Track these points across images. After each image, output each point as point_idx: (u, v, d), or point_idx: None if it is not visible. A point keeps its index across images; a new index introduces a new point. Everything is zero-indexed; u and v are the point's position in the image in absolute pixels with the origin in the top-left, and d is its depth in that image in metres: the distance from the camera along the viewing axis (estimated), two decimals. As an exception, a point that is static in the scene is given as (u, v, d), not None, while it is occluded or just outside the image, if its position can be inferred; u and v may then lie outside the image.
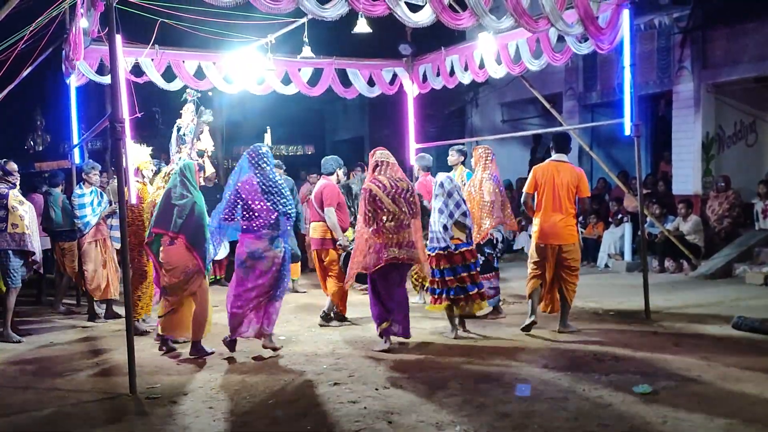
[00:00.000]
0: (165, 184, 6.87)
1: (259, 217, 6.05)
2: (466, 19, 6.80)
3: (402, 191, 6.35)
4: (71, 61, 7.99)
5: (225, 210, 6.12)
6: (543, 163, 7.06)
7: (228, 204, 6.11)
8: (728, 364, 5.54)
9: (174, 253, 6.18)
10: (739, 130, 12.44)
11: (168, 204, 6.22)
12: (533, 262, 6.95)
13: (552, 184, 6.80)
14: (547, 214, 6.79)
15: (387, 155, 6.55)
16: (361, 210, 6.37)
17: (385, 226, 6.26)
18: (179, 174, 6.35)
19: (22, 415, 4.87)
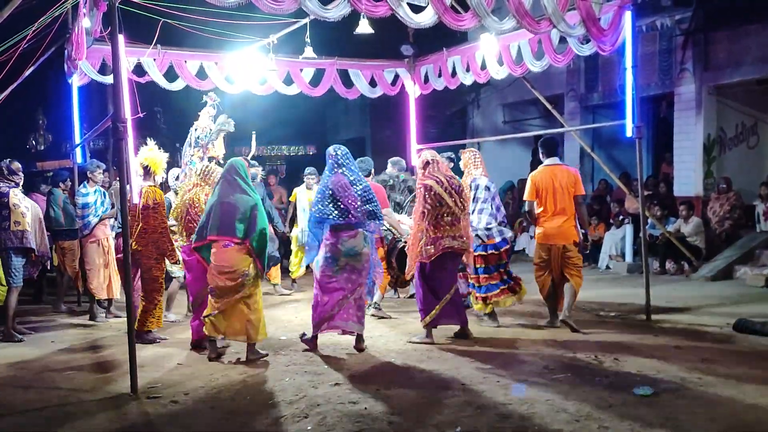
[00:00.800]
0: (203, 182, 6.68)
1: (353, 215, 6.19)
2: (469, 20, 6.81)
3: (456, 187, 6.59)
4: (73, 61, 8.01)
5: (319, 209, 6.22)
6: (539, 170, 7.10)
7: (322, 203, 6.23)
8: (729, 366, 5.54)
9: (232, 256, 5.95)
10: (741, 132, 12.45)
11: (224, 208, 5.97)
12: (539, 262, 7.08)
13: (552, 188, 6.92)
14: (551, 219, 6.94)
15: (434, 154, 6.81)
16: (419, 205, 6.56)
17: (444, 220, 6.49)
18: (232, 174, 6.11)
19: (23, 414, 4.87)
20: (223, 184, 6.12)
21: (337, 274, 6.23)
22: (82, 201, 8.09)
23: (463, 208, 6.60)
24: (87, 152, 9.59)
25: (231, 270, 5.95)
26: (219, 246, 6.00)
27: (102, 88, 11.06)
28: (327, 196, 6.22)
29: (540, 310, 8.16)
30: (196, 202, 6.59)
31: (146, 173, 7.00)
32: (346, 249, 6.19)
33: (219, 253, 6.00)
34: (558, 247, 6.96)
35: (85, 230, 8.13)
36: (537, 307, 8.27)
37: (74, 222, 8.46)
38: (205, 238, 6.03)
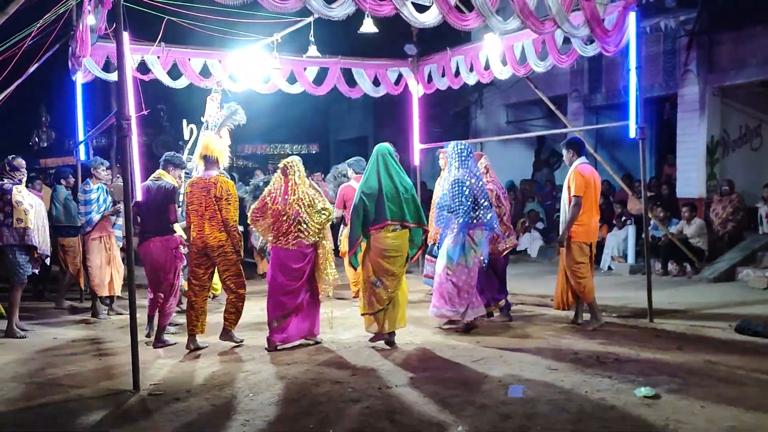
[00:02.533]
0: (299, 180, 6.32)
1: (483, 208, 6.75)
2: (473, 20, 6.81)
3: (505, 191, 7.49)
4: (78, 58, 8.02)
5: (461, 202, 6.67)
6: (583, 166, 7.09)
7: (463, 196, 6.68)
8: (731, 367, 5.54)
9: (401, 240, 6.30)
10: (744, 134, 12.43)
11: (391, 192, 6.23)
12: (581, 262, 7.04)
13: (594, 186, 7.05)
14: (592, 216, 7.08)
15: (487, 159, 7.59)
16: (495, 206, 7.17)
17: (503, 220, 7.30)
18: (388, 159, 6.36)
19: (25, 410, 4.88)
20: (382, 169, 6.32)
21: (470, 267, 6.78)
22: (85, 198, 8.11)
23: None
24: (90, 149, 9.60)
25: (398, 254, 6.28)
26: (387, 230, 6.24)
27: (106, 86, 11.07)
28: (469, 191, 6.70)
29: (542, 310, 8.17)
30: (306, 200, 6.27)
31: (209, 162, 6.53)
32: (478, 242, 6.77)
33: (385, 238, 6.25)
34: (594, 244, 7.18)
35: (87, 227, 8.14)
36: (538, 308, 8.28)
37: (75, 219, 8.47)
38: (378, 224, 6.21)
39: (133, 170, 7.17)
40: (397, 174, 6.35)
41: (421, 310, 7.79)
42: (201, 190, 6.35)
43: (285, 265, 6.29)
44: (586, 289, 7.06)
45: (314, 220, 6.28)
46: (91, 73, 8.83)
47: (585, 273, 7.04)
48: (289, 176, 6.31)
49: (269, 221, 6.35)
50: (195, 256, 6.41)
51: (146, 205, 6.69)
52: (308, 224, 6.25)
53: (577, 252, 7.02)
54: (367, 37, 8.74)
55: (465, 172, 6.79)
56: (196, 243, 6.35)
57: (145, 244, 6.63)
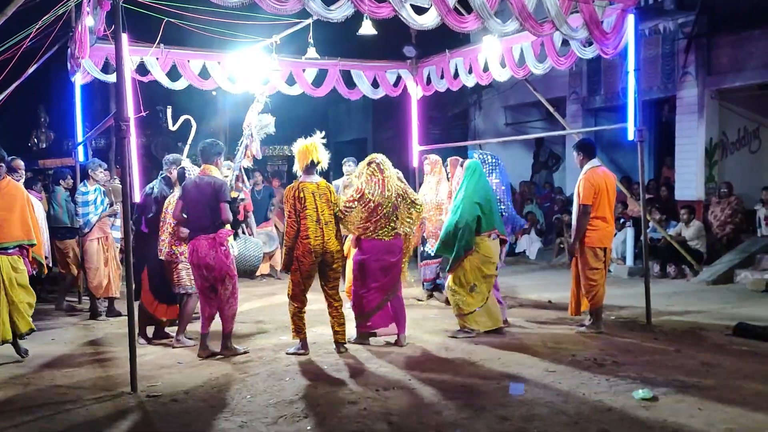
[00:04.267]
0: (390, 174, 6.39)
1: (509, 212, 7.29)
2: (471, 22, 6.82)
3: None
4: (77, 59, 8.01)
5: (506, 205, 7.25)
6: (592, 171, 7.01)
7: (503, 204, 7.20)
8: (729, 370, 5.54)
9: (496, 247, 6.87)
10: (743, 137, 12.45)
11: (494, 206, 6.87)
12: (596, 267, 6.96)
13: (605, 190, 6.98)
14: (606, 220, 7.00)
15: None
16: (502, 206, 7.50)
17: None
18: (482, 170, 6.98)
19: (22, 411, 4.87)
20: (485, 180, 6.97)
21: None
22: (82, 199, 8.11)
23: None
24: (89, 150, 9.59)
25: (495, 260, 6.85)
26: (490, 239, 6.82)
27: (104, 87, 11.08)
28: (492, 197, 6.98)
29: (540, 312, 8.17)
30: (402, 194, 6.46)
31: (314, 166, 6.29)
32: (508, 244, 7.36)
33: (492, 245, 6.82)
34: (608, 248, 7.10)
35: (85, 228, 8.14)
36: (536, 310, 8.29)
37: (74, 220, 8.47)
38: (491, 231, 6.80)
39: (132, 171, 7.15)
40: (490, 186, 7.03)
41: (418, 311, 7.79)
42: (313, 195, 6.16)
43: (380, 258, 6.38)
44: (596, 296, 6.98)
45: (409, 212, 6.50)
46: (90, 74, 8.82)
47: (598, 279, 6.96)
48: (385, 170, 6.41)
49: (363, 215, 6.32)
50: (309, 264, 6.16)
51: (193, 203, 6.10)
52: (403, 217, 6.46)
53: (591, 257, 6.93)
54: (366, 39, 8.74)
55: (498, 178, 7.26)
56: (315, 250, 6.11)
57: (192, 244, 6.07)
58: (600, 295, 7.00)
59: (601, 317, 7.09)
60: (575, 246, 6.99)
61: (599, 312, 7.06)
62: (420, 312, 7.94)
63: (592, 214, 6.91)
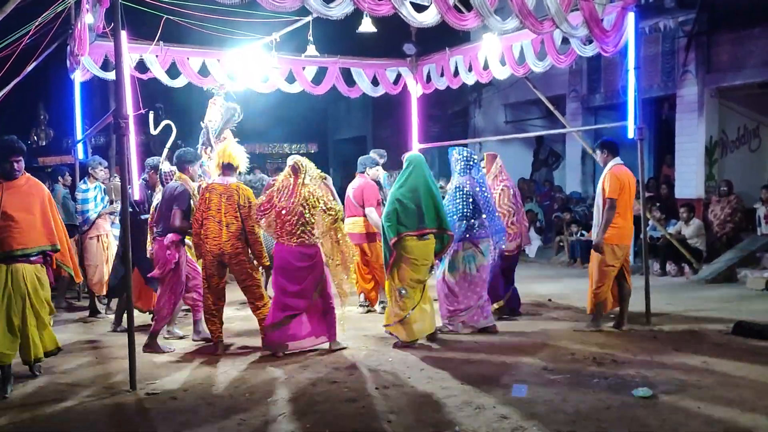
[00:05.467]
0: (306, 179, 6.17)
1: (485, 215, 6.81)
2: (471, 19, 6.81)
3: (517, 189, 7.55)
4: (76, 57, 8.01)
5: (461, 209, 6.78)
6: (619, 168, 6.98)
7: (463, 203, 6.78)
8: (728, 368, 5.54)
9: (430, 247, 6.40)
10: (743, 135, 12.43)
11: (426, 199, 6.33)
12: (611, 265, 6.92)
13: (628, 187, 6.96)
14: (626, 218, 6.98)
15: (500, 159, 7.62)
16: (503, 205, 7.36)
17: (514, 219, 7.40)
18: (422, 165, 6.50)
19: (21, 410, 4.87)
20: (418, 176, 6.41)
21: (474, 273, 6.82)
22: (82, 197, 8.10)
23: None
24: (88, 148, 9.59)
25: (428, 263, 6.44)
26: (420, 238, 6.32)
27: (104, 84, 11.06)
28: (467, 197, 6.76)
29: (539, 310, 8.17)
30: (307, 201, 6.10)
31: (228, 169, 6.37)
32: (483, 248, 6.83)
33: (420, 245, 6.33)
34: (628, 246, 7.09)
35: (84, 226, 8.13)
36: (535, 308, 8.28)
37: (74, 218, 8.46)
38: (414, 231, 6.30)
39: (131, 169, 7.15)
40: (434, 185, 6.56)
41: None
42: (220, 196, 6.19)
43: (288, 264, 6.12)
44: (600, 292, 6.97)
45: (321, 220, 6.17)
46: (89, 71, 8.80)
47: (607, 279, 6.93)
48: (300, 175, 6.16)
49: (272, 218, 6.18)
50: (210, 264, 6.24)
51: (161, 206, 6.47)
52: (313, 225, 6.14)
53: (609, 254, 6.88)
54: (366, 37, 8.74)
55: (466, 179, 6.87)
56: (212, 250, 6.16)
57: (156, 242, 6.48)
58: (604, 293, 7.01)
59: (601, 315, 7.08)
60: (600, 242, 6.87)
61: (599, 309, 7.05)
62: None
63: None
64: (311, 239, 6.15)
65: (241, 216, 6.18)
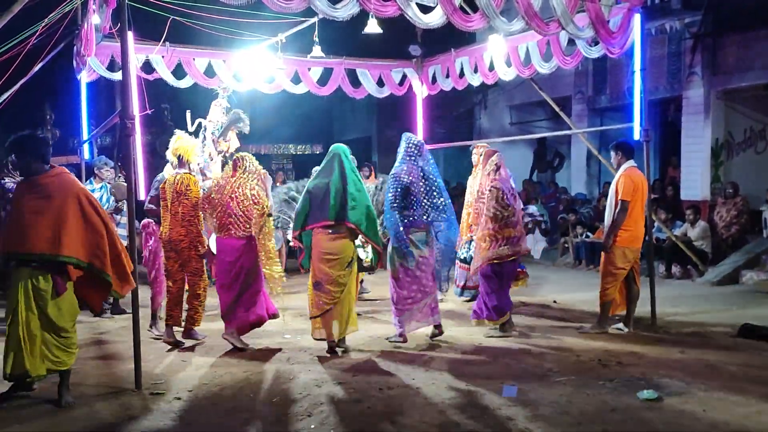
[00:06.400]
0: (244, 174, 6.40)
1: (420, 207, 6.35)
2: (477, 20, 6.80)
3: (515, 191, 6.94)
4: (82, 57, 8.03)
5: (395, 200, 6.31)
6: (633, 170, 6.94)
7: (394, 193, 6.32)
8: (734, 371, 5.53)
9: (340, 242, 6.11)
10: (749, 137, 12.39)
11: (336, 193, 6.06)
12: (621, 267, 6.91)
13: (641, 190, 6.92)
14: (638, 221, 6.94)
15: (502, 157, 7.01)
16: (493, 208, 6.72)
17: (510, 221, 6.75)
18: (342, 160, 6.19)
19: (26, 409, 4.88)
20: (333, 168, 6.18)
21: (411, 268, 6.41)
22: (88, 197, 8.10)
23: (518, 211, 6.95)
24: (94, 148, 9.61)
25: (338, 257, 6.10)
26: (325, 231, 6.10)
27: (110, 85, 11.11)
28: (401, 187, 6.34)
29: (544, 312, 8.16)
30: (239, 195, 6.29)
31: (180, 162, 6.81)
32: (416, 239, 6.40)
33: (325, 239, 6.11)
34: (639, 249, 7.01)
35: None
36: (541, 310, 8.27)
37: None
38: (317, 223, 6.11)
39: (137, 169, 7.17)
40: (350, 176, 6.17)
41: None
42: (170, 186, 6.61)
43: (221, 256, 6.39)
44: (606, 294, 6.96)
45: (247, 214, 6.30)
46: (95, 72, 8.84)
47: (615, 281, 6.92)
48: (238, 170, 6.43)
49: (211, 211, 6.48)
50: (165, 249, 6.65)
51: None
52: (243, 218, 6.29)
53: (619, 257, 6.87)
54: (372, 38, 8.74)
55: (405, 167, 6.42)
56: (163, 237, 6.62)
57: None
58: (611, 295, 6.99)
59: (607, 317, 7.07)
60: (609, 242, 6.86)
61: (605, 311, 7.03)
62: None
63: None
64: (240, 232, 6.31)
65: (179, 203, 6.52)
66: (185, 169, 6.78)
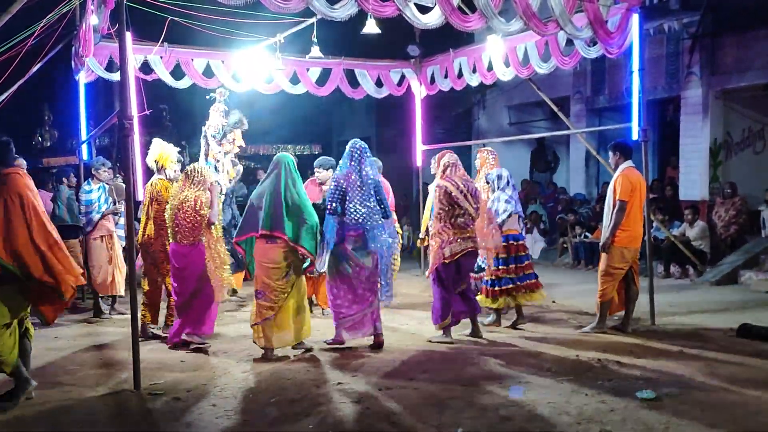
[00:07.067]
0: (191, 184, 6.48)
1: (358, 213, 6.22)
2: (475, 21, 6.81)
3: (472, 190, 6.69)
4: (81, 58, 8.03)
5: (333, 205, 6.23)
6: (631, 170, 6.94)
7: (331, 198, 6.26)
8: (733, 371, 5.53)
9: (278, 252, 6.07)
10: (747, 137, 12.40)
11: (274, 203, 6.04)
12: (619, 268, 6.91)
13: (639, 189, 6.91)
14: (636, 221, 6.93)
15: (455, 158, 6.82)
16: (436, 207, 6.65)
17: (457, 222, 6.57)
18: (283, 169, 6.15)
19: (25, 409, 4.88)
20: (273, 178, 6.16)
21: (349, 273, 6.32)
22: (86, 198, 8.11)
23: (477, 211, 6.69)
24: (93, 149, 9.61)
25: (276, 266, 6.06)
26: (263, 240, 6.10)
27: (108, 85, 11.11)
28: (340, 192, 6.25)
29: (544, 312, 8.16)
30: (185, 204, 6.40)
31: (158, 168, 7.10)
32: (353, 247, 6.27)
33: (264, 248, 6.10)
34: (637, 249, 6.99)
35: (88, 227, 8.15)
36: (540, 310, 8.27)
37: (78, 219, 8.48)
38: (255, 232, 6.12)
39: (135, 170, 7.18)
40: (290, 187, 6.12)
41: (422, 313, 7.78)
42: (148, 191, 7.00)
43: (172, 262, 6.57)
44: (605, 294, 6.95)
45: (193, 223, 6.40)
46: (93, 72, 8.84)
47: (615, 279, 6.91)
48: (187, 180, 6.55)
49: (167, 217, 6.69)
50: (141, 251, 6.97)
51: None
52: (186, 227, 6.42)
53: (617, 257, 6.87)
54: (370, 38, 8.75)
55: (345, 172, 6.32)
56: (139, 239, 6.92)
57: None
58: (609, 293, 6.98)
59: (606, 317, 7.07)
60: (608, 242, 6.85)
61: (604, 310, 7.03)
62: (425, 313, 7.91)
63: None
64: (185, 240, 6.44)
65: (154, 207, 6.89)
66: (162, 175, 7.05)
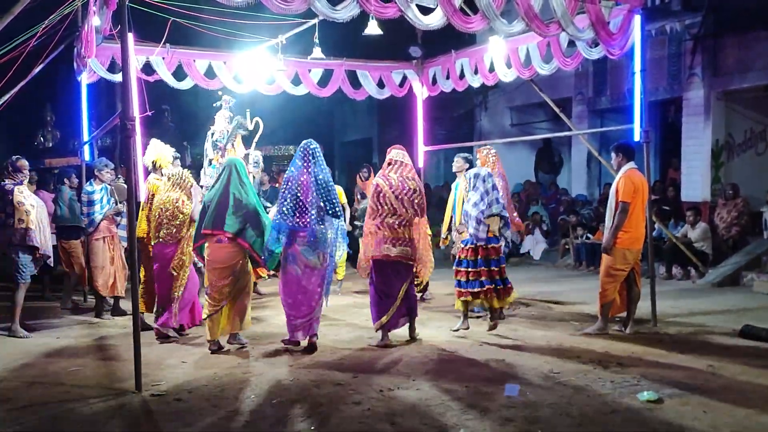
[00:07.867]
0: (177, 188, 6.88)
1: (308, 214, 6.21)
2: (477, 22, 6.81)
3: (408, 191, 6.55)
4: (83, 59, 8.04)
5: (283, 205, 6.27)
6: (634, 172, 6.93)
7: (281, 198, 6.30)
8: (734, 373, 5.52)
9: (224, 252, 6.24)
10: (749, 138, 12.39)
11: (220, 203, 6.23)
12: (620, 269, 6.90)
13: (642, 191, 6.90)
14: (639, 223, 6.92)
15: (402, 155, 6.77)
16: (369, 204, 6.68)
17: (386, 222, 6.48)
18: (230, 172, 6.33)
19: (27, 410, 4.89)
20: (222, 180, 6.34)
21: (296, 274, 6.30)
22: (88, 198, 8.12)
23: (415, 212, 6.54)
24: (95, 150, 9.61)
25: (223, 266, 6.23)
26: (212, 241, 6.25)
27: (110, 86, 11.09)
28: (290, 192, 6.27)
29: (545, 313, 8.16)
30: (168, 205, 6.79)
31: (154, 168, 7.37)
32: (303, 248, 6.25)
33: (212, 249, 6.26)
34: (639, 250, 6.98)
35: (90, 227, 8.16)
36: (542, 311, 8.27)
37: (79, 219, 8.49)
38: (200, 233, 6.32)
39: (137, 170, 7.18)
40: (238, 187, 6.26)
41: (423, 313, 7.78)
42: (146, 189, 7.25)
43: (155, 258, 6.91)
44: (606, 295, 6.94)
45: (173, 223, 6.77)
46: (96, 73, 8.84)
47: (616, 280, 6.90)
48: (170, 183, 6.92)
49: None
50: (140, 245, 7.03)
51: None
52: (167, 226, 6.78)
53: (619, 258, 6.86)
54: (372, 39, 8.73)
55: (296, 172, 6.31)
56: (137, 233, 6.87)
57: None
58: (610, 295, 6.98)
59: (608, 318, 7.06)
60: (610, 243, 6.84)
61: (605, 312, 7.03)
62: (425, 313, 7.91)
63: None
64: (168, 239, 6.78)
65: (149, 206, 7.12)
66: (157, 174, 7.31)
